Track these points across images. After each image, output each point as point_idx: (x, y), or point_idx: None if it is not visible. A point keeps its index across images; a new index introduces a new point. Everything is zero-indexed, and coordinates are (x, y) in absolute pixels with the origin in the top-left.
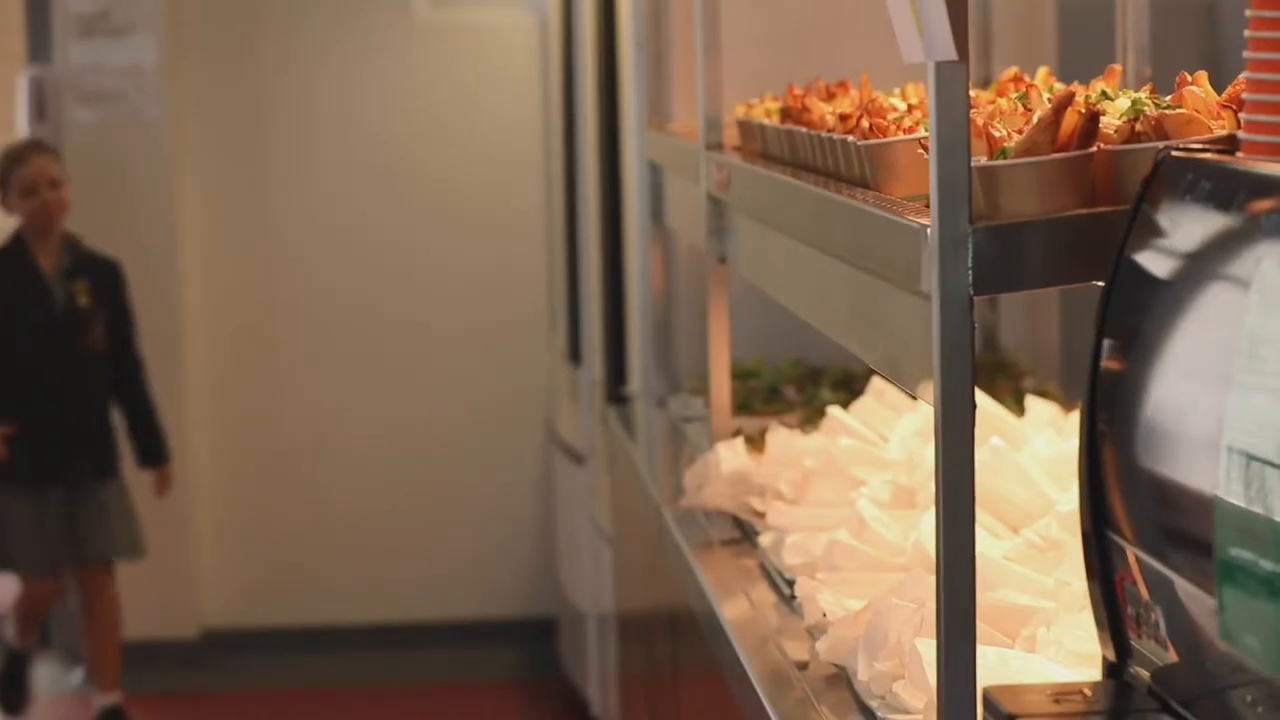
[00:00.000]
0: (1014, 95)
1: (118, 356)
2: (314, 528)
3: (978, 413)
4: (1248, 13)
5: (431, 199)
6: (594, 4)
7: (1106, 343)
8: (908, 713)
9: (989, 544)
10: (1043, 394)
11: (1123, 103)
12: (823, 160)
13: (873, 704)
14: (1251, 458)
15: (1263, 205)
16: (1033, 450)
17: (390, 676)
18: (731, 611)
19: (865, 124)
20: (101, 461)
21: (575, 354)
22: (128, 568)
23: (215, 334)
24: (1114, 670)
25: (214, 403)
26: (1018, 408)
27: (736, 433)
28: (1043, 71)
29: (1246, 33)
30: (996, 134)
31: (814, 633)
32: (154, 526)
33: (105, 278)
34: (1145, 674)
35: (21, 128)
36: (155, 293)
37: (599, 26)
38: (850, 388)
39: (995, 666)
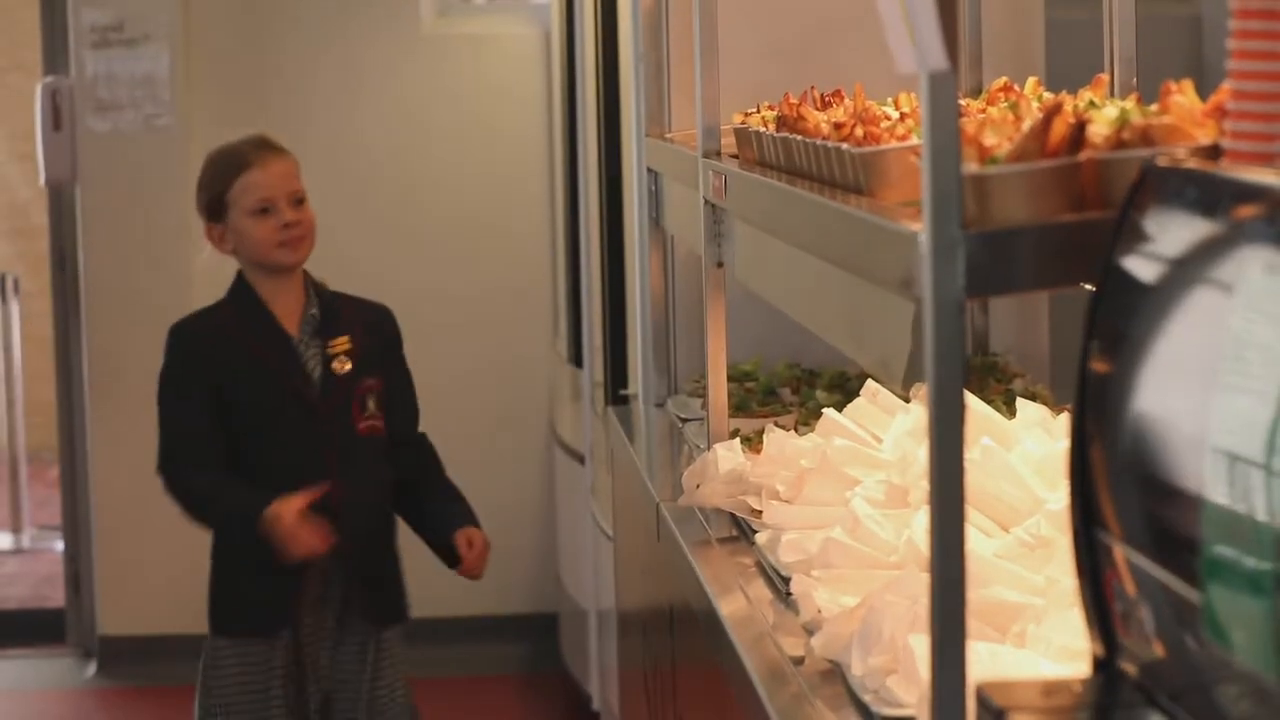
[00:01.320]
0: (1004, 104)
1: (397, 438)
2: None
3: (969, 414)
4: (1231, 23)
5: (436, 205)
6: (595, 16)
7: (1095, 346)
8: (901, 706)
9: (980, 542)
10: (1033, 396)
11: (1110, 112)
12: (817, 167)
13: (867, 698)
14: (1237, 458)
15: (1246, 212)
16: (1023, 451)
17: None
18: (729, 608)
19: (859, 132)
20: (382, 603)
21: (577, 356)
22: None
23: None
24: (1102, 665)
25: None
26: (1008, 409)
27: (734, 433)
28: (1032, 81)
29: (1229, 43)
30: (987, 142)
31: (809, 629)
32: (166, 526)
33: (373, 331)
34: (1133, 669)
35: (38, 137)
36: (168, 299)
37: (600, 38)
38: (845, 389)
39: (986, 662)
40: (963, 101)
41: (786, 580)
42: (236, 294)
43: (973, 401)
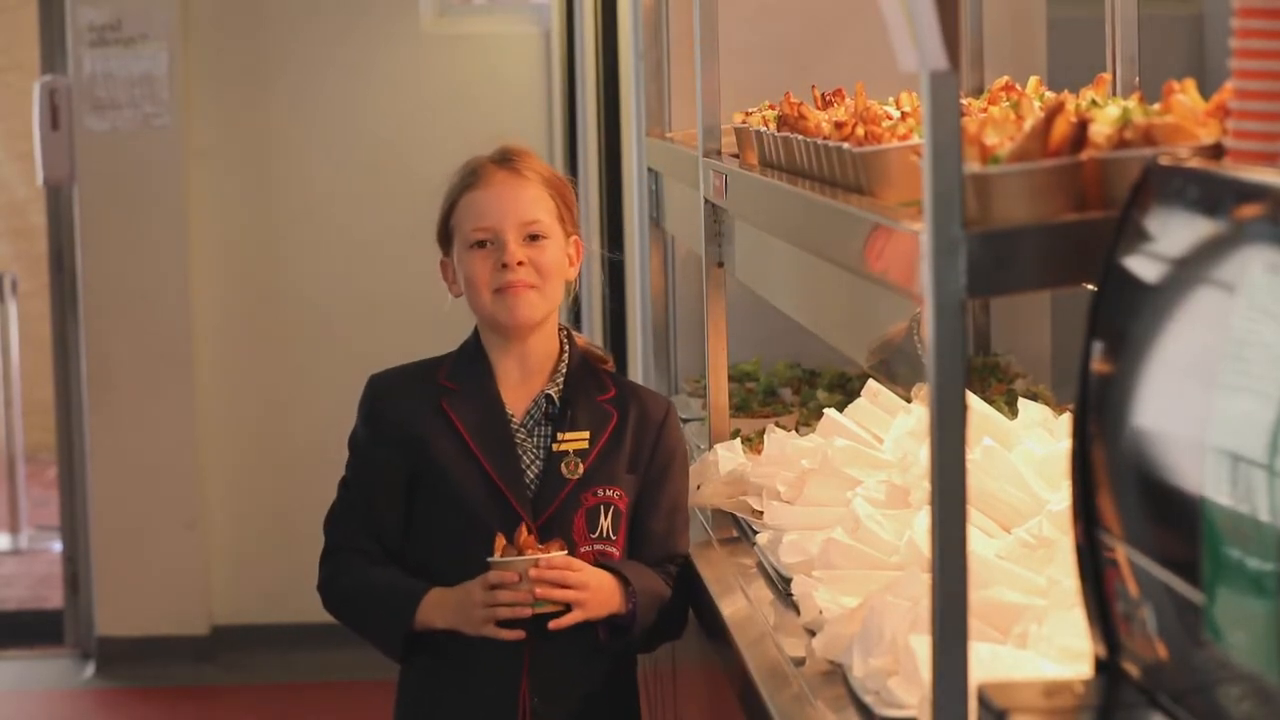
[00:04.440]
0: (1006, 103)
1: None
2: (320, 527)
3: (970, 414)
4: (1234, 22)
5: (437, 205)
6: (595, 15)
7: (1097, 346)
8: (902, 708)
9: (982, 543)
10: (1034, 396)
11: (1112, 111)
12: (818, 167)
13: (868, 699)
14: (1239, 458)
15: (1248, 211)
16: (1024, 451)
17: (394, 670)
18: (730, 609)
19: (860, 131)
20: None
21: None
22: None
23: (226, 339)
24: (1104, 666)
25: (224, 406)
26: (1010, 409)
27: (734, 433)
28: (1033, 80)
29: (1232, 42)
30: (988, 141)
31: (810, 629)
32: (164, 527)
33: (632, 427)
34: (1135, 670)
35: (36, 136)
36: (166, 299)
37: (600, 37)
38: (845, 390)
39: (988, 663)
40: (964, 101)
41: (787, 581)
42: (463, 352)
43: (974, 401)
